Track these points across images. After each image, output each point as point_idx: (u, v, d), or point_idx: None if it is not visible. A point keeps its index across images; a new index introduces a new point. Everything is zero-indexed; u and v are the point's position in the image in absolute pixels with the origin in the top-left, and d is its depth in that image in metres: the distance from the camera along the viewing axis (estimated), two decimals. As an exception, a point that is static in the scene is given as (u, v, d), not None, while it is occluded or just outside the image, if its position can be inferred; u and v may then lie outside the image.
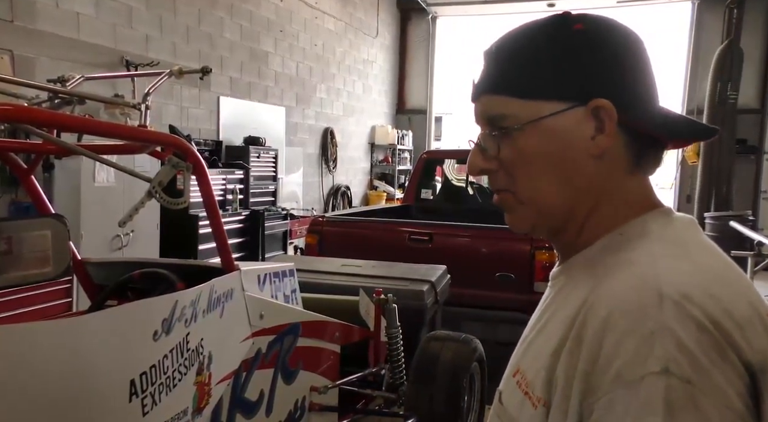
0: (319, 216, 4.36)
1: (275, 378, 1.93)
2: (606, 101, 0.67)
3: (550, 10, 10.27)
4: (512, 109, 0.69)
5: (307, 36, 8.13)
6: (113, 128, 1.27)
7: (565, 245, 0.75)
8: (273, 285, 1.98)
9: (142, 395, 1.23)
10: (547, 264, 3.62)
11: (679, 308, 0.56)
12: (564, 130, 0.68)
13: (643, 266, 0.62)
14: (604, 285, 0.62)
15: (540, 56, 0.69)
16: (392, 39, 11.13)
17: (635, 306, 0.57)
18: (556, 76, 0.68)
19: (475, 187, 6.44)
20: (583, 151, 0.68)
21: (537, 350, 0.68)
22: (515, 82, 0.70)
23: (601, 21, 0.71)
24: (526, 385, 0.67)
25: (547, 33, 0.69)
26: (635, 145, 0.70)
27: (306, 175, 8.30)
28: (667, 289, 0.57)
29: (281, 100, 7.58)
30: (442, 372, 2.26)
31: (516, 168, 0.71)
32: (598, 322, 0.59)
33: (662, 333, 0.55)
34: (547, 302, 0.74)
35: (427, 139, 11.33)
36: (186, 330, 1.37)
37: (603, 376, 0.56)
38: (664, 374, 0.53)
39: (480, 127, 0.75)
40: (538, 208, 0.71)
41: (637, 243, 0.66)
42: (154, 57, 5.41)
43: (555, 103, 0.68)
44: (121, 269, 1.87)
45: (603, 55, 0.68)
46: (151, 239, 4.86)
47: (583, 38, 0.68)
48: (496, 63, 0.72)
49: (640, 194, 0.71)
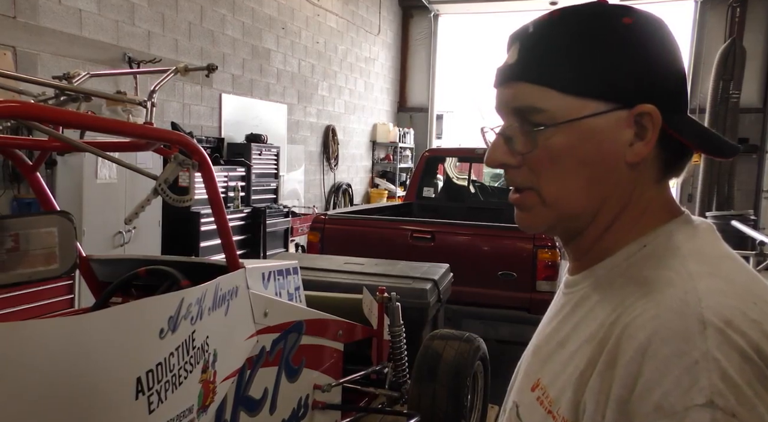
0: (321, 214, 4.36)
1: (279, 376, 1.93)
2: (653, 107, 0.63)
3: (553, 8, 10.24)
4: (550, 103, 0.64)
5: (309, 33, 8.12)
6: (120, 125, 1.27)
7: (579, 249, 0.71)
8: (277, 282, 1.98)
9: (148, 393, 1.23)
10: (549, 264, 3.62)
11: (722, 336, 0.54)
12: (603, 133, 0.64)
13: (682, 288, 0.58)
14: (639, 306, 0.59)
15: (586, 49, 0.63)
16: (394, 37, 11.12)
17: (678, 334, 0.54)
18: (602, 74, 0.63)
19: (477, 185, 6.44)
20: (619, 157, 0.64)
21: (559, 366, 0.65)
22: (557, 73, 0.64)
23: (649, 17, 0.66)
24: (549, 403, 0.64)
25: (595, 24, 0.64)
26: (667, 153, 0.66)
27: (307, 172, 8.30)
28: (709, 315, 0.55)
29: (283, 98, 7.57)
30: (446, 371, 2.26)
31: (544, 166, 0.66)
32: (635, 347, 0.56)
33: (707, 363, 0.52)
34: (566, 313, 0.70)
35: (428, 137, 11.32)
36: (192, 327, 1.37)
37: (641, 404, 0.54)
38: (709, 407, 0.51)
39: (503, 115, 0.69)
40: (561, 211, 0.67)
41: (670, 260, 0.62)
42: (156, 54, 5.40)
43: (598, 102, 0.63)
44: (125, 266, 1.87)
45: (652, 55, 0.64)
46: (152, 236, 4.86)
47: (633, 35, 0.64)
48: (535, 49, 0.65)
49: (663, 202, 0.68)
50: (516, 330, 3.64)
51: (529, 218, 0.70)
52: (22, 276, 1.19)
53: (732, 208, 8.23)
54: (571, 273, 0.74)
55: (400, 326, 2.43)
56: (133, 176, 4.48)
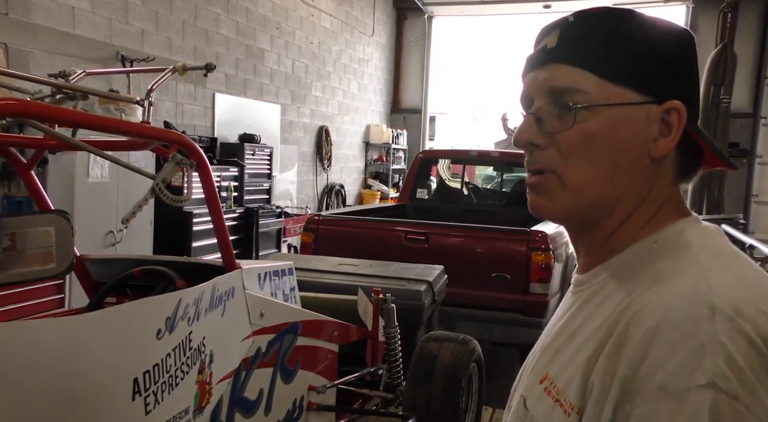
0: (315, 215, 4.35)
1: (274, 377, 1.92)
2: (681, 104, 0.66)
3: (546, 11, 10.30)
4: (588, 86, 0.65)
5: (303, 34, 8.11)
6: (120, 124, 1.26)
7: (592, 243, 0.72)
8: (273, 283, 1.98)
9: (145, 394, 1.22)
10: (543, 266, 3.63)
11: (731, 323, 0.55)
12: (635, 123, 0.66)
13: (693, 277, 0.60)
14: (650, 294, 0.60)
15: (629, 41, 0.66)
16: (388, 38, 11.12)
17: (686, 318, 0.56)
18: (643, 66, 0.66)
19: (471, 187, 6.46)
20: (645, 150, 0.66)
21: (568, 357, 0.66)
22: (599, 59, 0.66)
23: (678, 26, 0.71)
24: (557, 392, 0.65)
25: (632, 22, 0.68)
26: (685, 156, 0.69)
27: (300, 173, 8.28)
28: (719, 303, 0.56)
29: (277, 98, 7.55)
30: (441, 373, 2.26)
31: (573, 149, 0.66)
32: (645, 329, 0.57)
33: (712, 346, 0.53)
34: (574, 310, 0.71)
35: (421, 139, 11.33)
36: (189, 328, 1.36)
37: (645, 384, 0.55)
38: (711, 388, 0.52)
39: (541, 96, 0.69)
40: (581, 197, 0.67)
41: (680, 254, 0.64)
42: (150, 52, 5.37)
43: (634, 93, 0.65)
44: (119, 266, 1.86)
45: (683, 58, 0.68)
46: (144, 235, 4.83)
47: (670, 36, 0.68)
48: (577, 35, 0.67)
49: (675, 204, 0.70)
50: (510, 332, 3.64)
51: (547, 203, 0.70)
52: (19, 275, 1.18)
53: (722, 211, 8.30)
54: (581, 271, 0.75)
55: (395, 327, 2.43)
56: (125, 175, 4.46)
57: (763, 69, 8.91)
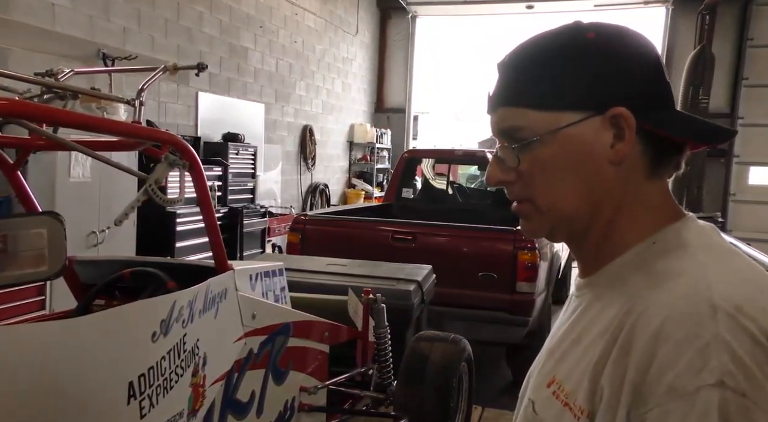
0: (301, 215, 4.33)
1: (266, 378, 1.91)
2: (623, 109, 0.67)
3: (529, 11, 10.38)
4: (528, 121, 0.69)
5: (287, 32, 8.07)
6: (111, 124, 1.24)
7: (586, 252, 0.74)
8: (264, 284, 1.96)
9: (140, 397, 1.20)
10: (529, 265, 3.66)
11: (733, 320, 0.56)
12: (582, 139, 0.68)
13: (693, 276, 0.61)
14: (652, 295, 0.62)
15: (554, 66, 0.68)
16: (372, 37, 11.11)
17: (689, 317, 0.57)
18: (571, 86, 0.68)
19: (456, 186, 6.48)
20: (603, 159, 0.68)
21: (575, 361, 0.67)
22: (530, 93, 0.69)
23: (612, 29, 0.71)
24: (566, 396, 0.66)
25: (560, 43, 0.70)
26: (653, 150, 0.70)
27: (284, 172, 8.24)
28: (720, 301, 0.57)
29: (260, 97, 7.50)
30: (432, 373, 2.26)
31: (534, 178, 0.71)
32: (649, 332, 0.58)
33: (717, 345, 0.55)
34: (578, 313, 0.73)
35: (405, 138, 11.35)
36: (183, 331, 1.35)
37: (655, 386, 0.56)
38: (719, 386, 0.53)
39: (497, 138, 0.75)
40: (557, 216, 0.71)
41: (680, 254, 0.65)
42: (132, 50, 5.29)
43: (571, 113, 0.68)
44: (108, 267, 1.83)
45: (616, 62, 0.68)
46: (127, 236, 4.77)
47: (596, 46, 0.68)
48: (510, 74, 0.72)
49: (661, 199, 0.71)
50: (497, 331, 3.67)
51: (530, 225, 0.75)
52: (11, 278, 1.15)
53: (701, 210, 8.44)
54: (582, 276, 0.77)
55: (386, 327, 2.43)
56: (107, 175, 4.39)
57: (740, 70, 9.08)
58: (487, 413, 3.26)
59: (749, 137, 8.64)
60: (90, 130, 1.15)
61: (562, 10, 10.31)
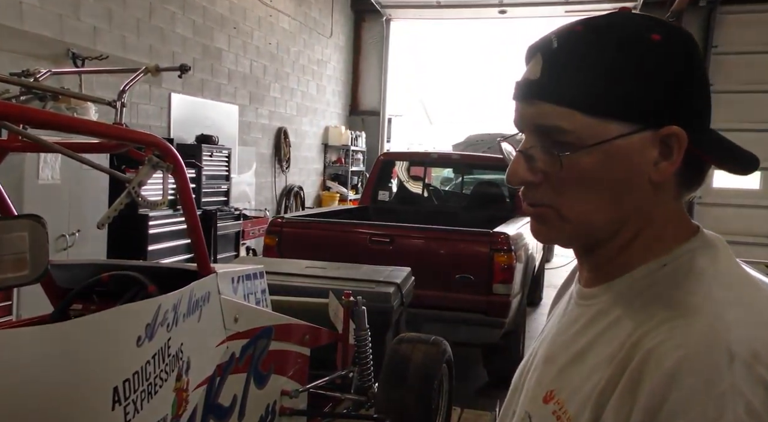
0: (278, 217, 4.31)
1: (248, 382, 1.89)
2: (680, 129, 0.62)
3: (502, 17, 10.52)
4: (575, 125, 0.63)
5: (261, 34, 8.02)
6: (95, 126, 1.22)
7: (595, 263, 0.71)
8: (245, 287, 1.95)
9: (125, 403, 1.18)
10: (505, 266, 3.71)
11: (750, 370, 0.54)
12: (629, 154, 0.63)
13: (709, 315, 0.58)
14: (665, 331, 0.58)
15: (614, 68, 0.62)
16: (346, 40, 11.11)
17: (706, 363, 0.55)
18: (629, 94, 0.62)
19: (431, 189, 6.53)
20: (643, 177, 0.64)
21: (577, 381, 0.65)
22: (582, 94, 0.63)
23: (677, 31, 0.65)
24: (567, 419, 0.64)
25: (621, 40, 0.63)
26: (688, 171, 0.66)
27: (258, 174, 8.17)
28: (737, 348, 0.55)
29: (234, 98, 7.43)
30: (414, 375, 2.27)
31: (567, 186, 0.65)
32: (662, 372, 0.56)
33: (733, 395, 0.53)
34: (582, 325, 0.70)
35: (380, 141, 11.37)
36: (168, 335, 1.33)
37: None
38: None
39: (528, 133, 0.68)
40: (580, 228, 0.67)
41: (694, 284, 0.62)
42: (103, 50, 5.19)
43: (623, 124, 0.62)
44: (84, 271, 1.80)
45: (680, 74, 0.63)
46: (98, 239, 4.66)
47: (662, 52, 0.62)
48: (560, 66, 0.64)
49: (679, 218, 0.69)
50: (473, 333, 3.70)
51: (547, 231, 0.69)
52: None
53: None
54: (586, 284, 0.73)
55: (366, 330, 2.44)
56: (77, 177, 4.30)
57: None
58: (466, 414, 3.29)
59: (713, 141, 8.91)
60: (74, 131, 1.13)
61: (535, 15, 10.48)
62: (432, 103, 23.30)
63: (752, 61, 9.11)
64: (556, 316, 0.81)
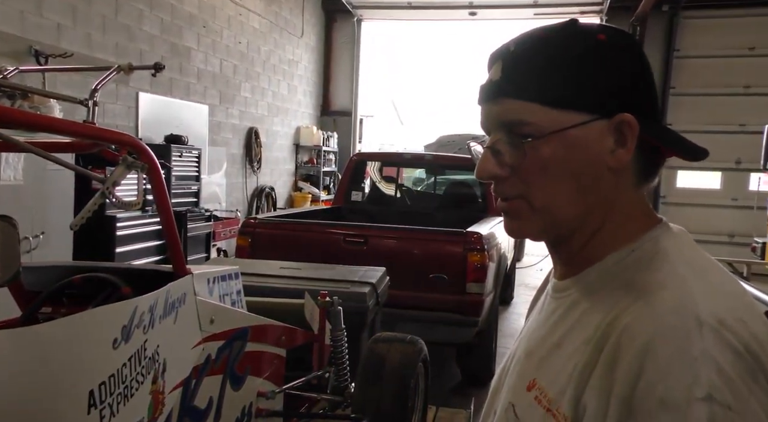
0: (251, 218, 4.27)
1: (224, 384, 1.87)
2: (630, 116, 0.67)
3: (472, 18, 10.62)
4: (535, 117, 0.68)
5: (231, 33, 7.93)
6: (69, 126, 1.19)
7: (567, 254, 0.74)
8: (221, 288, 1.93)
9: (100, 406, 1.16)
10: (479, 266, 3.75)
11: (717, 335, 0.58)
12: (586, 142, 0.68)
13: (675, 290, 0.62)
14: (637, 308, 0.62)
15: (567, 65, 0.68)
16: (317, 40, 11.07)
17: (677, 332, 0.58)
18: (583, 87, 0.67)
19: (404, 189, 6.55)
20: (602, 164, 0.69)
21: (557, 367, 0.68)
22: (540, 88, 0.68)
23: (619, 33, 0.71)
24: (548, 402, 0.66)
25: (570, 41, 0.69)
26: (644, 159, 0.71)
27: (229, 175, 8.08)
28: (704, 316, 0.59)
29: (204, 98, 7.34)
30: (391, 374, 2.28)
31: (533, 176, 0.69)
32: (637, 346, 0.59)
33: (705, 360, 0.56)
34: (558, 317, 0.73)
35: (352, 141, 11.36)
36: (144, 337, 1.31)
37: (644, 400, 0.57)
38: (708, 400, 0.55)
39: (490, 129, 0.72)
40: (551, 217, 0.70)
41: (660, 265, 0.66)
42: (68, 48, 5.07)
43: (580, 113, 0.67)
44: (54, 273, 1.76)
45: (625, 67, 0.69)
46: (63, 242, 4.54)
47: (607, 49, 0.69)
48: (519, 66, 0.69)
49: (642, 207, 0.73)
50: (448, 332, 3.73)
51: (519, 225, 0.73)
52: (-39, 286, 1.09)
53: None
54: (559, 278, 0.77)
55: (342, 330, 2.43)
56: (41, 177, 4.19)
57: (668, 79, 9.59)
58: (441, 412, 3.31)
59: (677, 142, 9.14)
60: (46, 131, 1.11)
61: (504, 17, 10.61)
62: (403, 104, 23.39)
63: (713, 65, 9.40)
64: (533, 314, 0.84)
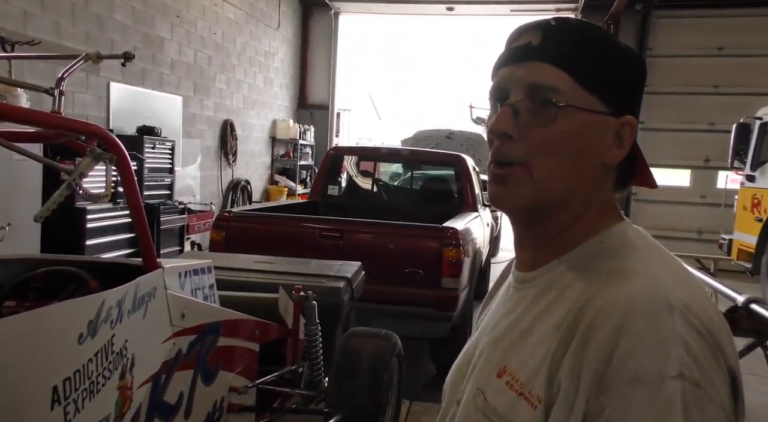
0: (225, 212, 4.21)
1: (195, 379, 1.85)
2: (634, 119, 0.72)
3: (450, 13, 10.64)
4: (567, 88, 0.69)
5: (205, 23, 7.81)
6: (35, 115, 1.15)
7: (539, 237, 0.76)
8: (193, 282, 1.90)
9: (64, 402, 1.13)
10: (454, 261, 3.76)
11: (684, 317, 0.61)
12: (597, 130, 0.71)
13: (646, 276, 0.65)
14: (610, 291, 0.64)
15: (606, 55, 0.71)
16: (294, 32, 10.97)
17: (649, 313, 0.61)
18: (613, 81, 0.71)
19: (380, 184, 6.54)
20: (599, 156, 0.72)
21: (528, 352, 0.69)
22: (579, 64, 0.70)
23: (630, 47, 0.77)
24: (520, 386, 0.68)
25: (607, 38, 0.74)
26: (625, 167, 0.75)
27: (204, 168, 7.97)
28: (673, 300, 0.62)
29: (178, 89, 7.21)
30: (365, 369, 2.28)
31: (544, 145, 0.70)
32: (610, 325, 0.61)
33: (676, 339, 0.59)
34: (525, 306, 0.74)
35: (329, 135, 11.30)
36: (111, 332, 1.28)
37: (617, 375, 0.59)
38: (680, 378, 0.57)
39: (509, 91, 0.72)
40: (544, 191, 0.71)
41: (629, 254, 0.70)
42: (35, 35, 4.92)
43: (602, 103, 0.71)
44: (18, 267, 1.71)
45: (639, 75, 0.75)
46: (30, 234, 4.43)
47: (630, 55, 0.74)
48: (563, 38, 0.71)
49: (613, 208, 0.77)
50: (423, 327, 3.74)
51: (511, 194, 0.72)
52: None
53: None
54: (525, 269, 0.78)
55: (317, 325, 2.42)
56: (7, 168, 4.08)
57: (641, 78, 9.75)
58: (414, 407, 3.33)
59: (648, 141, 9.30)
60: (11, 120, 1.07)
61: (481, 13, 10.66)
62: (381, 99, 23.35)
63: (685, 64, 9.58)
64: (493, 308, 0.84)
